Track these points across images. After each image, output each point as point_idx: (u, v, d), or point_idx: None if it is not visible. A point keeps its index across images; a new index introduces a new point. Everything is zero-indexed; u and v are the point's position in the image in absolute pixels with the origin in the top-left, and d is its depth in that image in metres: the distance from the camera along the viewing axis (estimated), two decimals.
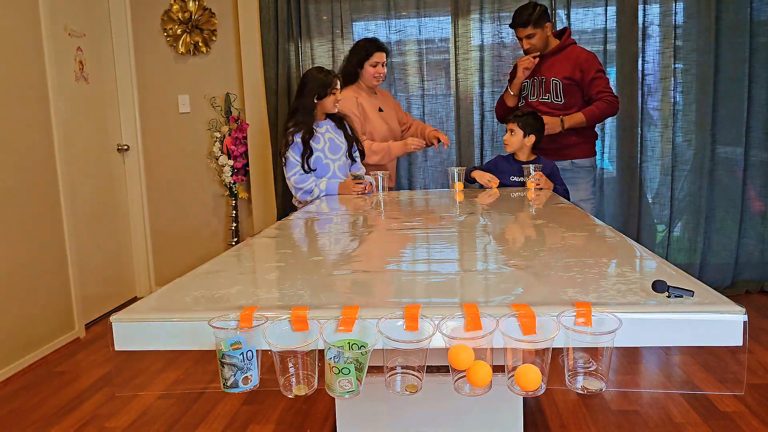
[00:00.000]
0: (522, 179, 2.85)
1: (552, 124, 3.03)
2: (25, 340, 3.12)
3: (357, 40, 3.96)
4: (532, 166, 2.76)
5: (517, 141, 2.88)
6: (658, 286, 1.06)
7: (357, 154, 3.11)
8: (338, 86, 2.98)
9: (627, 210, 3.86)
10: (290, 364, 1.05)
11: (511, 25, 3.19)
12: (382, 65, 3.25)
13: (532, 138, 2.89)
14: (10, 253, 3.04)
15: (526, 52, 3.16)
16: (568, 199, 2.86)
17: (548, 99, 3.14)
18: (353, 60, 3.28)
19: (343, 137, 3.06)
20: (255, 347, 1.02)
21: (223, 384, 1.01)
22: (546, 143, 3.01)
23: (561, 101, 3.11)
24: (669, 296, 1.05)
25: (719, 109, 3.72)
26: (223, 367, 1.00)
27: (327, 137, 3.00)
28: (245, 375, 1.00)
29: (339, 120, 3.06)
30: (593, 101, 3.12)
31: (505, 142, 2.93)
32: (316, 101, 2.95)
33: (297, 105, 2.98)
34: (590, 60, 3.11)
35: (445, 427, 1.53)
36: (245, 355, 1.00)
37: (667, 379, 2.68)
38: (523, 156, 2.91)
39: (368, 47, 3.25)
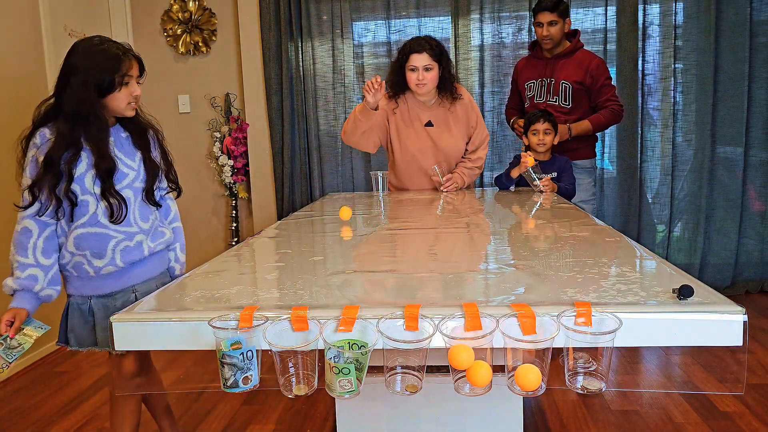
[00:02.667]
0: (540, 177, 2.79)
1: (560, 132, 3.02)
2: None
3: (356, 40, 3.98)
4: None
5: (550, 140, 2.87)
6: (685, 291, 1.04)
7: (167, 194, 1.89)
8: (136, 71, 1.70)
9: (627, 210, 3.86)
10: (290, 364, 1.05)
11: (534, 9, 3.09)
12: (424, 69, 2.61)
13: (557, 138, 2.92)
14: None
15: (541, 40, 3.09)
16: (573, 194, 2.86)
17: (555, 102, 3.11)
18: (394, 65, 2.73)
19: (138, 161, 1.76)
20: (255, 347, 1.02)
21: (223, 384, 1.01)
22: None
23: (568, 105, 3.09)
24: (681, 298, 1.05)
25: (719, 109, 3.72)
26: (223, 367, 1.00)
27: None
28: (245, 375, 1.00)
29: (141, 132, 1.77)
30: (599, 108, 3.11)
31: (539, 142, 2.84)
32: (97, 97, 1.63)
33: (72, 103, 1.61)
34: (601, 66, 3.09)
35: (445, 427, 1.53)
36: (245, 355, 1.00)
37: (667, 379, 2.68)
38: (543, 156, 2.90)
39: (403, 48, 2.67)
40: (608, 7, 3.74)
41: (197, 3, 4.06)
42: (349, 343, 1.01)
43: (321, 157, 4.05)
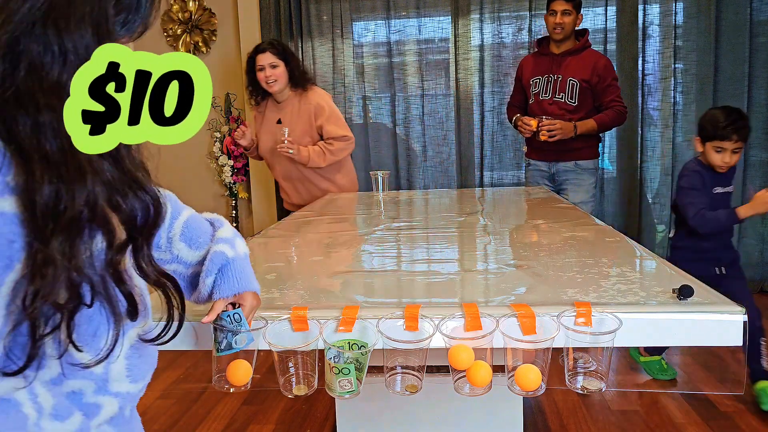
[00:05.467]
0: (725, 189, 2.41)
1: (566, 129, 2.99)
2: None
3: (356, 40, 3.98)
4: (544, 117, 2.94)
5: (736, 159, 2.37)
6: (685, 291, 1.05)
7: None
8: None
9: (627, 210, 3.86)
10: (290, 364, 1.05)
11: None
12: (270, 67, 2.84)
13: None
14: None
15: (552, 30, 3.05)
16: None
17: (561, 98, 3.08)
18: (247, 73, 2.96)
19: None
20: (240, 311, 1.00)
21: (217, 349, 1.01)
22: (551, 144, 3.00)
23: (574, 102, 3.06)
24: (681, 298, 1.05)
25: None
26: (215, 331, 1.01)
27: None
28: (238, 336, 1.00)
29: None
30: (604, 108, 3.09)
31: (723, 164, 2.33)
32: None
33: None
34: (608, 66, 3.09)
35: (445, 427, 1.53)
36: (232, 317, 1.00)
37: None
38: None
39: (249, 54, 2.93)
40: (608, 7, 3.74)
41: (197, 3, 4.06)
42: (349, 343, 1.01)
43: None
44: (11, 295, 0.58)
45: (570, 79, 3.06)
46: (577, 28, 3.11)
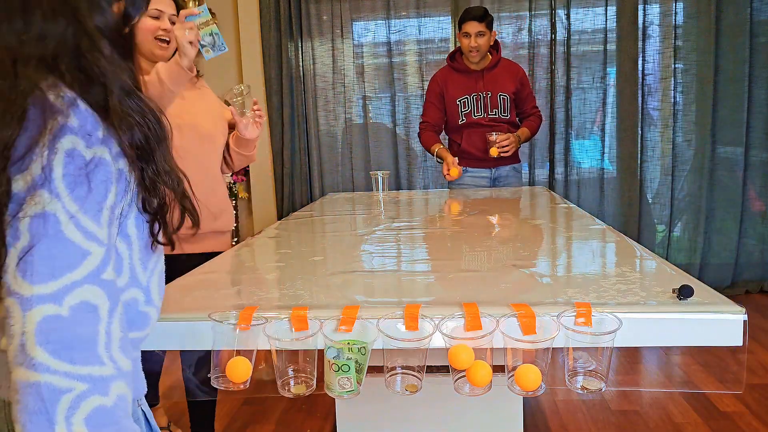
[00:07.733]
0: None
1: (516, 142, 2.96)
2: None
3: (356, 40, 3.99)
4: (494, 133, 2.88)
5: None
6: (685, 291, 1.05)
7: None
8: None
9: (627, 210, 3.86)
10: (290, 364, 1.05)
11: (462, 20, 2.99)
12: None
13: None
14: None
15: (467, 52, 2.97)
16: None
17: (495, 114, 3.03)
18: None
19: None
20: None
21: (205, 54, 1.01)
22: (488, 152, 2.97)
23: (508, 116, 3.04)
24: (681, 298, 1.05)
25: (719, 109, 3.72)
26: (201, 48, 1.01)
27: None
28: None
29: None
30: (527, 115, 3.10)
31: None
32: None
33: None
34: (525, 74, 3.12)
35: (445, 427, 1.53)
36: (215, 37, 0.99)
37: (667, 379, 2.68)
38: None
39: None
40: (608, 7, 3.74)
41: (197, 2, 4.06)
42: (348, 343, 1.01)
43: (321, 157, 4.05)
44: None
45: (500, 94, 3.01)
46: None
